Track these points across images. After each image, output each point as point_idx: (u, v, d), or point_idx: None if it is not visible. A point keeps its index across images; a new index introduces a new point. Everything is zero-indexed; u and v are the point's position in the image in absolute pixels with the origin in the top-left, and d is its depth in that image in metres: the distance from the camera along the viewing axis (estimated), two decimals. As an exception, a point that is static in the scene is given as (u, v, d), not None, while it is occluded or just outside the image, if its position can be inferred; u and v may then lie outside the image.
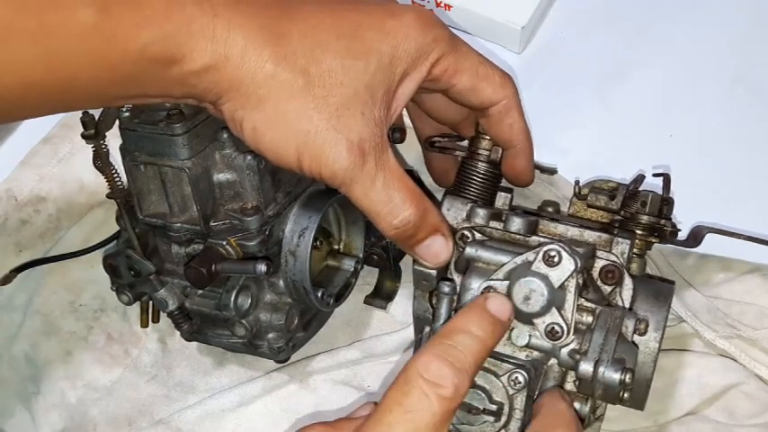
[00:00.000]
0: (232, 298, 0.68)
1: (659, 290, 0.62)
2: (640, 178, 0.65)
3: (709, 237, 0.67)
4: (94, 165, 0.69)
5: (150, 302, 0.75)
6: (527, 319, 0.56)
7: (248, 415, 0.73)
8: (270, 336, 0.71)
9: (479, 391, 0.56)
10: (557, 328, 0.55)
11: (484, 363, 0.54)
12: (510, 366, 0.56)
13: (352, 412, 0.56)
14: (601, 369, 0.54)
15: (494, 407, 0.56)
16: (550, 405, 0.56)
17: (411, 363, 0.50)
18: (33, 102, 0.50)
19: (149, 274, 0.69)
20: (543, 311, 0.55)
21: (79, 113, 0.66)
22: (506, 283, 0.56)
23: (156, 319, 0.76)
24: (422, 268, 0.62)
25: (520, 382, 0.56)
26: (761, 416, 0.69)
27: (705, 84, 0.86)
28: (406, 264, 0.78)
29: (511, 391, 0.56)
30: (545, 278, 0.55)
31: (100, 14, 0.48)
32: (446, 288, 0.58)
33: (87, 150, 0.70)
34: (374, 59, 0.55)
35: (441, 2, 0.88)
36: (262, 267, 0.64)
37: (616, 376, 0.54)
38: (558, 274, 0.55)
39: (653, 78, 0.87)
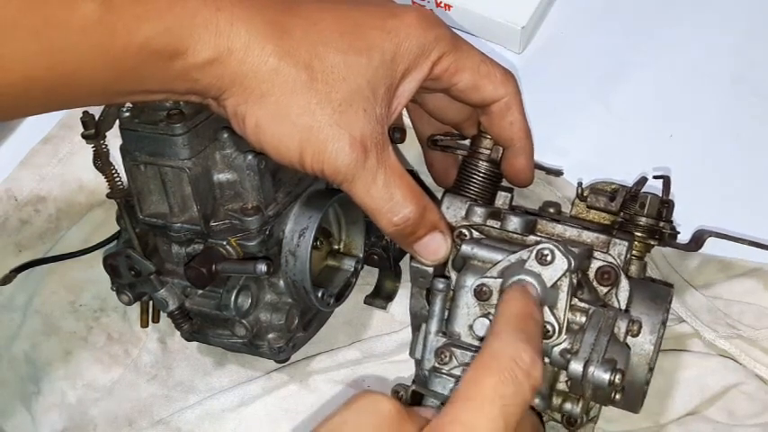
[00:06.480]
0: (232, 298, 0.67)
1: (656, 292, 0.61)
2: (642, 180, 0.65)
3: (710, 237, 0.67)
4: (95, 165, 0.69)
5: (150, 302, 0.75)
6: None
7: (248, 415, 0.73)
8: (270, 336, 0.71)
9: None
10: (548, 326, 0.54)
11: None
12: None
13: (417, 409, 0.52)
14: (590, 369, 0.53)
15: None
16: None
17: (502, 350, 0.48)
18: (35, 98, 0.50)
19: (149, 274, 0.69)
20: None
21: (79, 113, 0.66)
22: (500, 280, 0.56)
23: (156, 319, 0.76)
24: (419, 265, 0.62)
25: None
26: (761, 416, 0.69)
27: (705, 84, 0.86)
28: (406, 264, 0.78)
29: None
30: (537, 277, 0.55)
31: (103, 8, 0.48)
32: (440, 285, 0.58)
33: (87, 150, 0.70)
34: (377, 56, 0.55)
35: (441, 2, 0.88)
36: (262, 267, 0.64)
37: (606, 376, 0.53)
38: (550, 273, 0.55)
39: (653, 78, 0.87)
